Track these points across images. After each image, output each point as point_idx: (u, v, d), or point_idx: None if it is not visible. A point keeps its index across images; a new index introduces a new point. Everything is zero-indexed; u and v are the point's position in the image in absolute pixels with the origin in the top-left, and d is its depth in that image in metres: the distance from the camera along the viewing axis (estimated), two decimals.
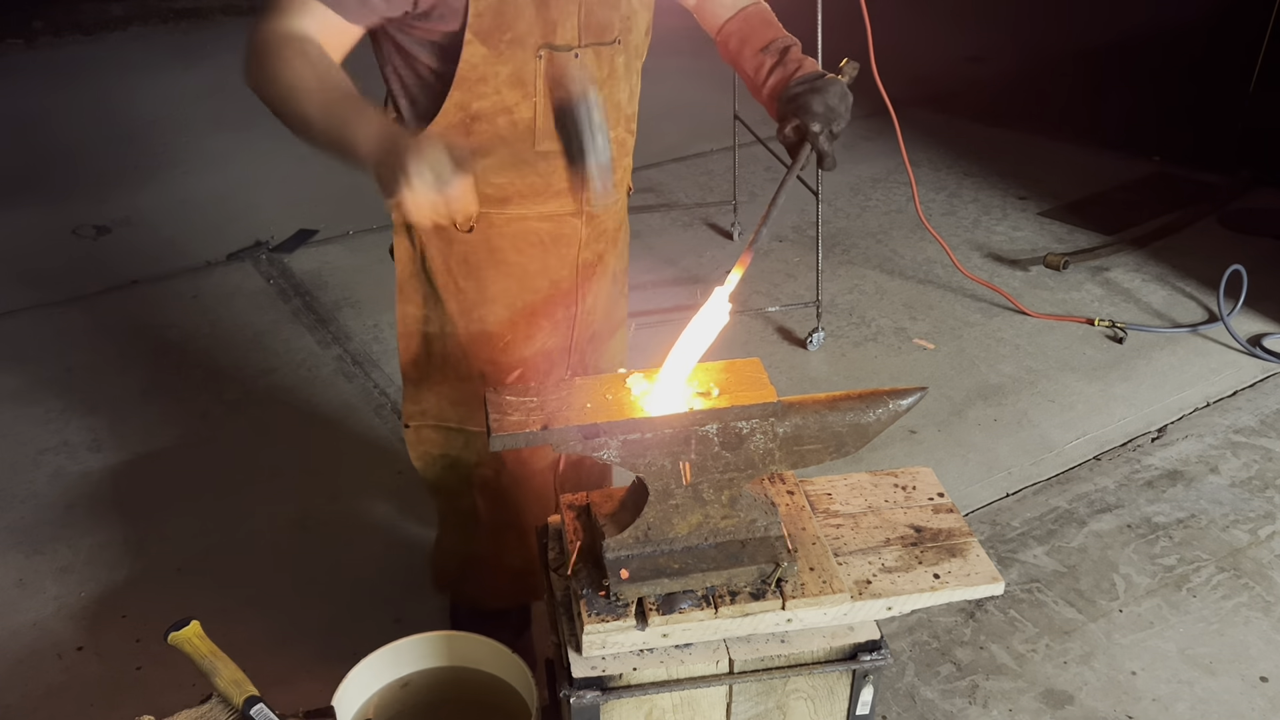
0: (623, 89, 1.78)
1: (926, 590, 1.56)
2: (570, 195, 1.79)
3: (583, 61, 1.68)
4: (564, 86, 1.34)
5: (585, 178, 1.37)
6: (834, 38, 3.20)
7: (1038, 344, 3.51)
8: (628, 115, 1.83)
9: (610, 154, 1.36)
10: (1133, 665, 2.32)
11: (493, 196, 1.76)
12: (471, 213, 1.58)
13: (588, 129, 1.34)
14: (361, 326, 3.63)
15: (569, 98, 1.33)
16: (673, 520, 1.51)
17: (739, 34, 1.80)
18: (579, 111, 1.34)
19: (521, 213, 1.79)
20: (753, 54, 1.77)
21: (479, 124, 1.68)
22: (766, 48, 1.76)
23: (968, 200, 4.53)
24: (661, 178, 4.43)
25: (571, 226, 1.84)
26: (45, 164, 4.95)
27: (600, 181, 1.39)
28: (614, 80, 1.75)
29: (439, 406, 1.99)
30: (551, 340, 1.93)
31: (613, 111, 1.76)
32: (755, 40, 1.78)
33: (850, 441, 1.54)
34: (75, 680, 2.33)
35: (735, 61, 1.82)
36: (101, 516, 2.80)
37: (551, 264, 1.86)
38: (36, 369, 3.44)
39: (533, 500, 2.09)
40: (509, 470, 2.03)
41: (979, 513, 2.78)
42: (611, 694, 1.49)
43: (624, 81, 1.77)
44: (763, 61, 1.75)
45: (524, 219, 1.80)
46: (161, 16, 6.98)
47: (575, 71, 1.40)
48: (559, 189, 1.78)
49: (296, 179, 4.46)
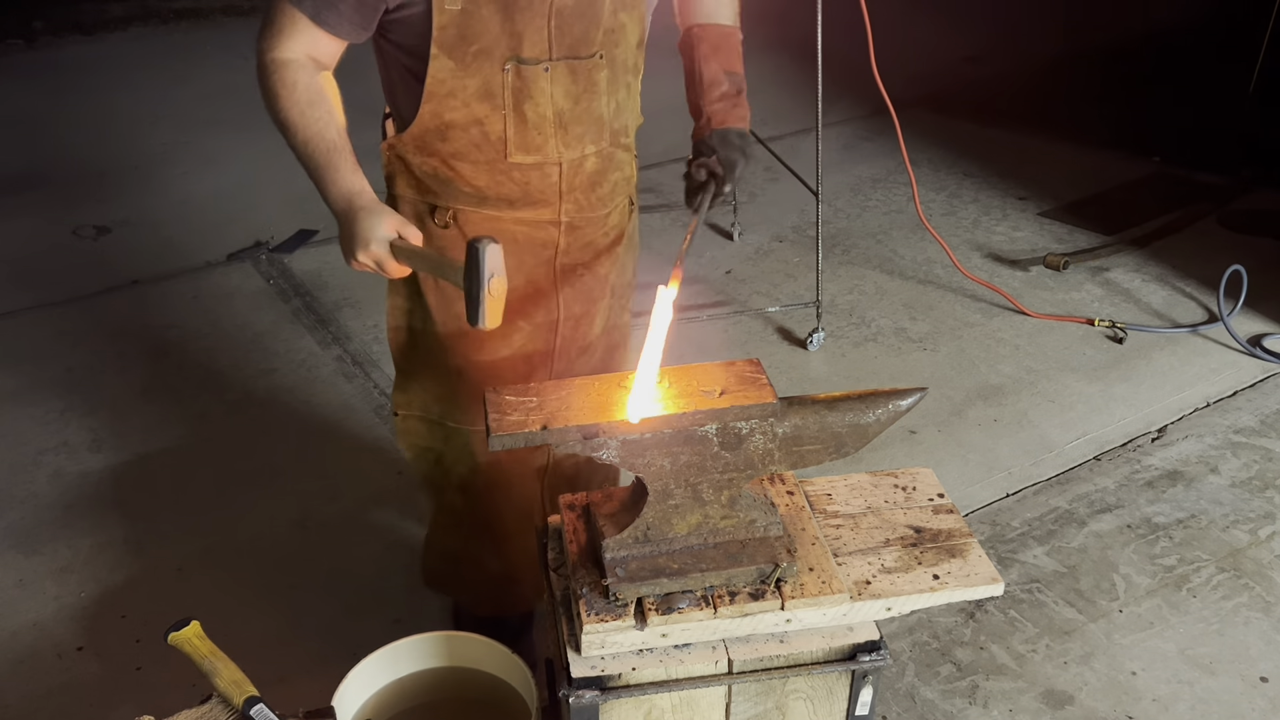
0: (604, 103, 1.76)
1: (926, 591, 1.56)
2: (546, 206, 1.81)
3: (552, 77, 1.68)
4: (473, 240, 1.50)
5: (472, 317, 1.54)
6: (834, 38, 3.20)
7: (1038, 344, 3.51)
8: (615, 130, 1.81)
9: (499, 291, 1.53)
10: (1133, 665, 2.32)
11: (471, 196, 1.78)
12: (393, 273, 1.68)
13: (476, 278, 1.51)
14: (361, 327, 3.63)
15: (474, 244, 1.50)
16: (672, 520, 1.51)
17: (712, 42, 1.85)
18: (475, 258, 1.50)
19: (497, 214, 1.80)
20: (718, 69, 1.84)
21: (453, 132, 1.71)
22: (731, 75, 1.85)
23: (968, 200, 4.53)
24: (661, 178, 4.43)
25: (548, 233, 1.85)
26: (45, 164, 4.96)
27: (482, 317, 1.53)
28: (593, 94, 1.74)
29: (423, 399, 2.02)
30: (531, 344, 1.94)
31: (592, 126, 1.76)
32: (724, 59, 1.85)
33: (850, 442, 1.54)
34: (75, 680, 2.33)
35: (695, 62, 1.85)
36: (101, 516, 2.81)
37: (527, 262, 1.86)
38: (36, 369, 3.44)
39: (512, 505, 2.10)
40: (484, 473, 2.04)
41: (979, 513, 2.78)
42: (610, 694, 1.49)
43: (607, 96, 1.76)
44: (720, 81, 1.84)
45: (499, 219, 1.81)
46: (161, 16, 6.99)
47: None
48: (535, 198, 1.79)
49: (296, 179, 4.40)
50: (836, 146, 4.96)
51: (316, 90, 1.65)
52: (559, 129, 1.73)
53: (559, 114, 1.71)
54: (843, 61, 3.55)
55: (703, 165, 1.80)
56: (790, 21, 3.46)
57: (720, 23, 1.86)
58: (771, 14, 1.89)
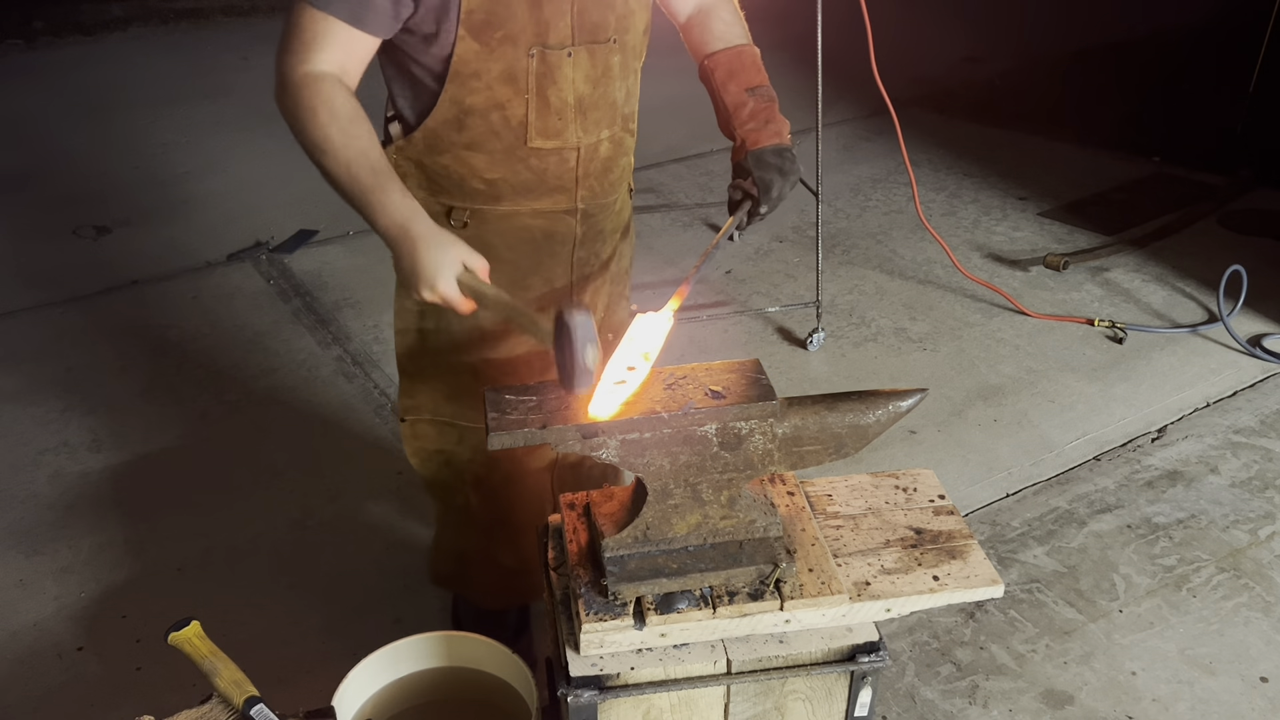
0: (618, 88, 1.78)
1: (925, 592, 1.56)
2: (562, 193, 1.80)
3: (574, 62, 1.67)
4: (563, 310, 1.44)
5: (569, 385, 1.45)
6: (834, 38, 3.20)
7: (1038, 344, 3.51)
8: (625, 114, 1.83)
9: (595, 360, 1.43)
10: (1133, 665, 2.32)
11: (485, 193, 1.77)
12: (463, 310, 1.61)
13: (579, 351, 1.42)
14: (361, 327, 3.63)
15: (565, 317, 1.42)
16: (671, 520, 1.51)
17: (727, 67, 1.81)
18: (571, 333, 1.42)
19: (514, 209, 1.80)
20: (738, 90, 1.80)
21: (471, 119, 1.69)
22: (755, 90, 1.80)
23: (968, 200, 4.53)
24: (661, 178, 4.44)
25: (566, 224, 1.85)
26: (45, 164, 4.96)
27: (582, 385, 1.44)
28: (609, 79, 1.75)
29: (434, 401, 2.00)
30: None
31: (607, 111, 1.78)
32: (743, 78, 1.80)
33: (850, 443, 1.54)
34: (75, 680, 2.33)
35: (716, 91, 1.83)
36: (101, 516, 2.81)
37: (545, 263, 1.86)
38: (36, 369, 3.44)
39: (526, 499, 2.09)
40: (502, 468, 2.04)
41: (979, 513, 2.78)
42: (609, 693, 1.49)
43: (619, 81, 1.78)
44: (744, 101, 1.79)
45: (516, 215, 1.80)
46: (161, 17, 6.99)
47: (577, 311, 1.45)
48: (552, 185, 1.79)
49: (296, 179, 4.45)
50: (836, 147, 4.97)
51: (355, 107, 1.59)
52: (579, 114, 1.73)
53: (580, 99, 1.72)
54: (843, 62, 3.55)
55: (738, 186, 1.77)
56: (790, 22, 3.46)
57: (731, 45, 1.83)
58: (771, 14, 1.89)
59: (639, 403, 1.46)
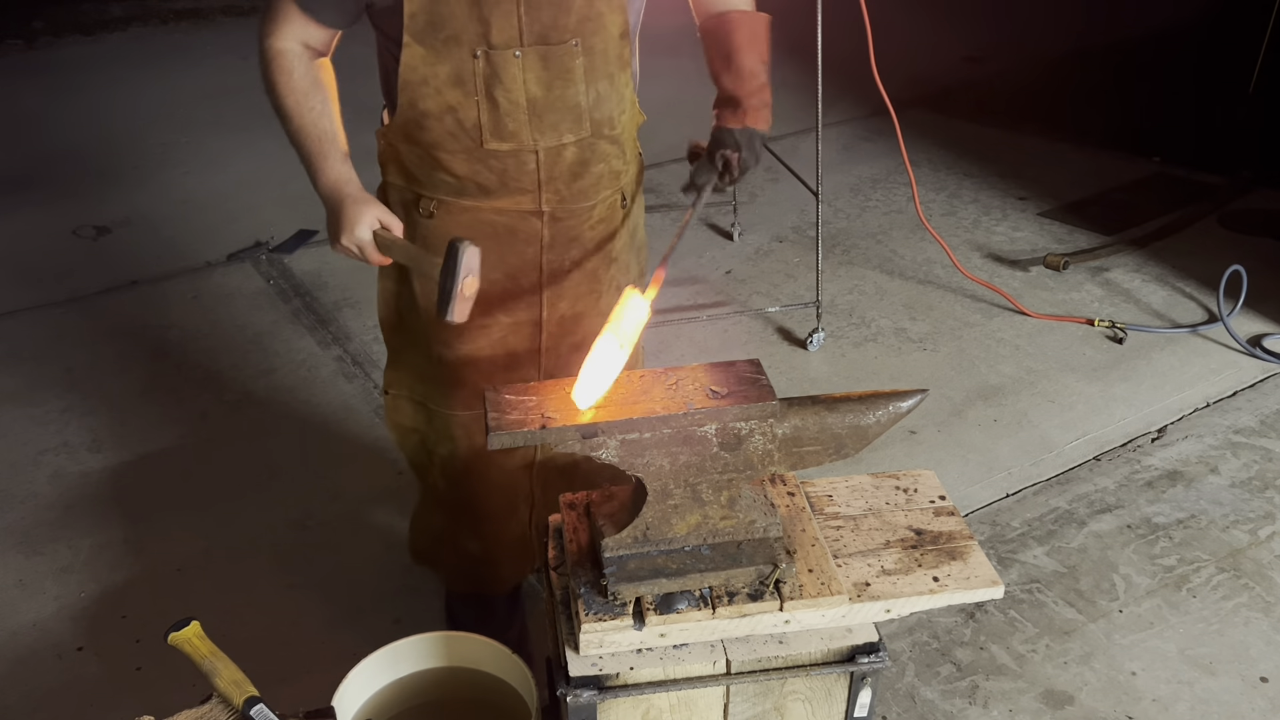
0: (582, 92, 1.74)
1: (925, 593, 1.56)
2: (524, 195, 1.81)
3: (523, 63, 1.68)
4: (456, 239, 1.62)
5: (443, 311, 1.65)
6: (834, 38, 3.20)
7: (1038, 344, 3.51)
8: (595, 120, 1.78)
9: (472, 291, 1.65)
10: (1133, 665, 2.32)
11: (453, 185, 1.79)
12: (374, 260, 1.75)
13: (459, 278, 1.62)
14: (361, 327, 3.63)
15: (455, 244, 1.61)
16: (671, 520, 1.51)
17: (750, 30, 1.83)
18: (457, 260, 1.62)
19: (477, 204, 1.81)
20: (756, 60, 1.82)
21: (429, 121, 1.73)
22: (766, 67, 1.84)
23: (967, 201, 4.53)
24: (661, 178, 4.43)
25: (530, 225, 1.84)
26: (45, 164, 4.96)
27: (456, 313, 1.65)
28: (567, 82, 1.72)
29: (410, 380, 2.06)
30: (514, 340, 1.94)
31: (567, 114, 1.75)
32: (761, 49, 1.84)
33: (850, 443, 1.54)
34: (75, 680, 2.33)
35: (733, 50, 1.82)
36: (101, 516, 2.81)
37: (508, 258, 1.86)
38: (36, 369, 3.44)
39: (491, 490, 2.11)
40: (460, 457, 2.06)
41: (979, 513, 2.78)
42: (608, 693, 1.49)
43: (584, 85, 1.74)
44: (758, 73, 1.82)
45: (479, 210, 1.82)
46: (161, 17, 6.99)
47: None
48: (514, 187, 1.79)
49: (296, 179, 4.42)
50: (836, 147, 4.96)
51: (312, 79, 1.73)
52: (532, 116, 1.72)
53: (532, 101, 1.71)
54: (842, 62, 3.55)
55: (723, 156, 1.77)
56: (790, 22, 3.46)
57: (748, 10, 1.86)
58: (771, 14, 1.88)
59: (638, 403, 1.47)
